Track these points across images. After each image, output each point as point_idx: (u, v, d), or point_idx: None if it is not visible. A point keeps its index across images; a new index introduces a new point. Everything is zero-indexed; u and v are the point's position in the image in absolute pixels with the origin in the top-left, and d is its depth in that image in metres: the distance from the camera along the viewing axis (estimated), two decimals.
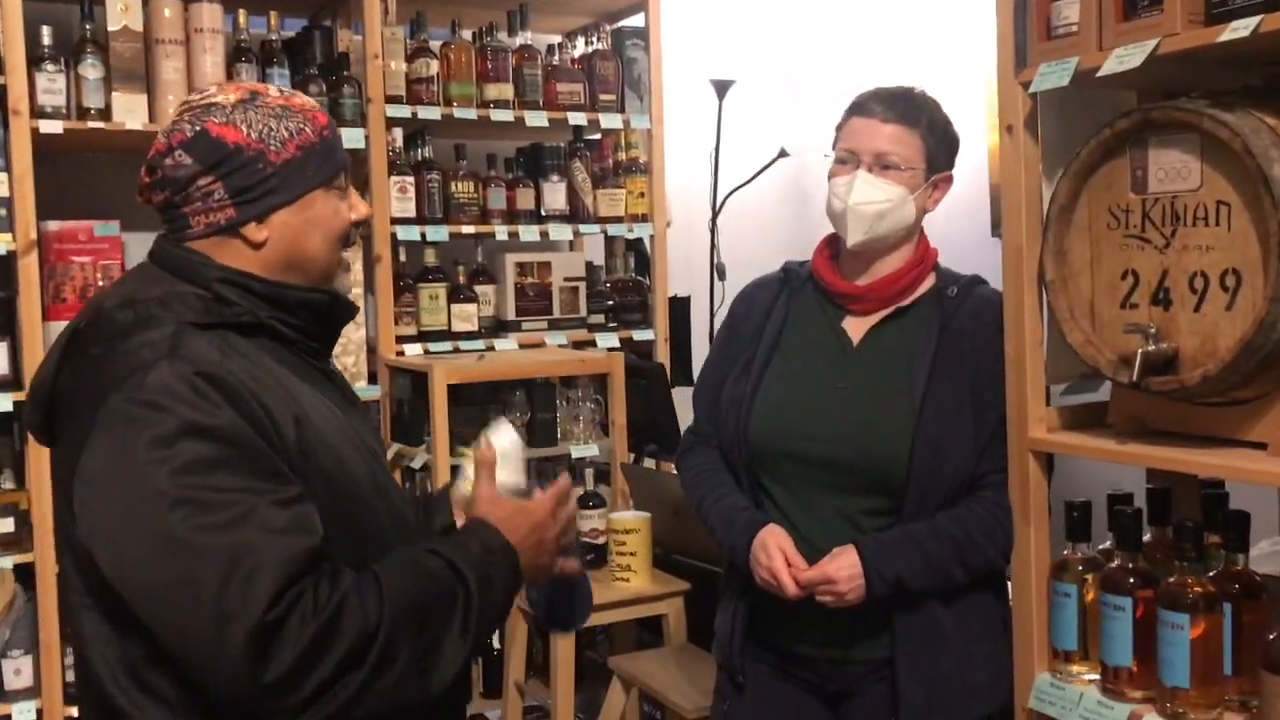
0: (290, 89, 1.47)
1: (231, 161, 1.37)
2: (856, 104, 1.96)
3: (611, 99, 3.62)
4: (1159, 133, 1.62)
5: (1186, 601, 1.62)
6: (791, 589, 1.82)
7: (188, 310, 1.35)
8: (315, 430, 1.36)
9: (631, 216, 3.68)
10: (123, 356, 1.30)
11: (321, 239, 1.44)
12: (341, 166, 1.46)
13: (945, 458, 1.83)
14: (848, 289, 1.95)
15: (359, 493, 1.41)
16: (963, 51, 3.81)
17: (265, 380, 1.34)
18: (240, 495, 1.23)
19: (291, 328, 1.43)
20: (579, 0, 3.62)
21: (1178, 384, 1.60)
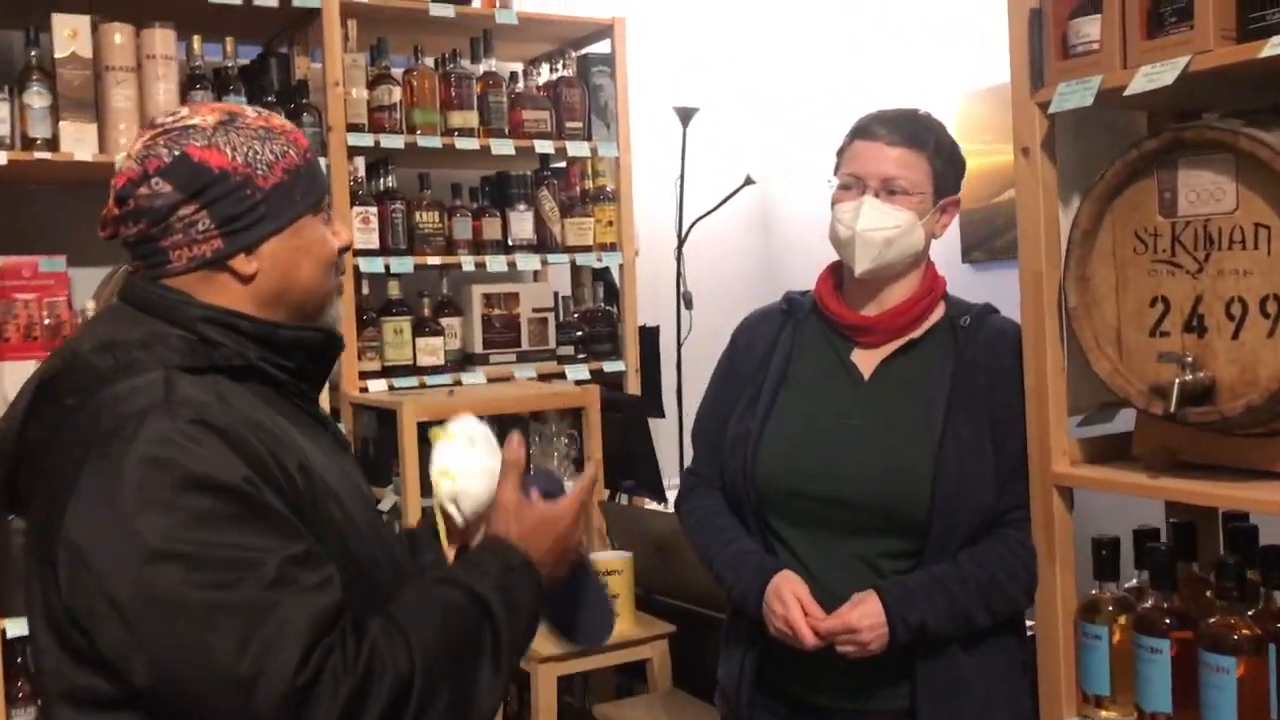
0: (265, 110, 1.36)
1: (217, 188, 1.25)
2: (860, 127, 1.88)
3: (578, 126, 3.53)
4: (1190, 153, 1.56)
5: (1231, 643, 1.54)
6: (810, 640, 1.72)
7: (172, 354, 1.22)
8: (321, 480, 1.25)
9: (600, 245, 3.58)
10: (108, 406, 1.17)
11: (314, 267, 1.33)
12: (325, 190, 1.35)
13: (967, 495, 1.75)
14: (857, 320, 1.86)
15: (364, 544, 1.30)
16: (932, 69, 3.77)
17: (264, 428, 1.22)
18: (253, 553, 1.11)
19: (282, 369, 1.31)
20: (542, 27, 3.53)
21: (1218, 415, 1.53)
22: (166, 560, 1.09)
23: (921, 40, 3.81)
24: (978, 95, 3.57)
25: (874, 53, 4.00)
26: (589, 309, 3.64)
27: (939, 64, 3.75)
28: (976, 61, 3.61)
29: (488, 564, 1.30)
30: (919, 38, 3.82)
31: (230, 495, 1.12)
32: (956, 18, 3.68)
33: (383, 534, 1.37)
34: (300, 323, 1.32)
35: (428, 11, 3.27)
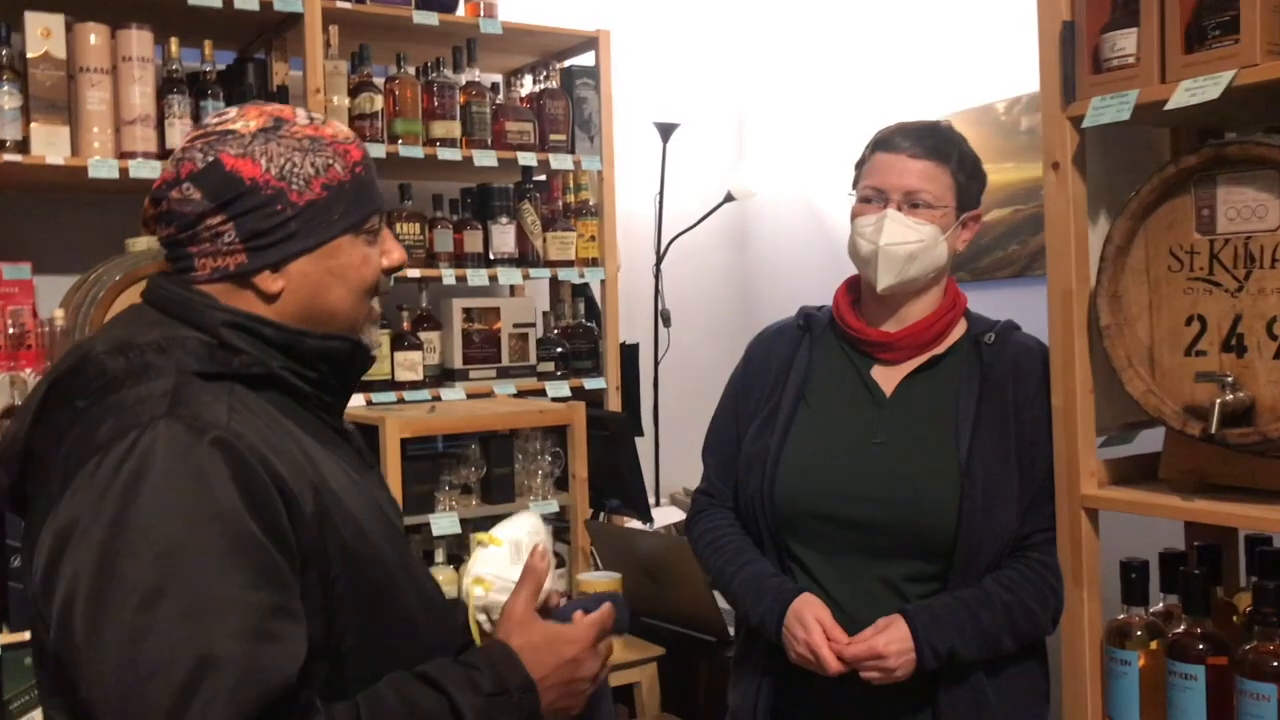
0: (323, 115, 1.28)
1: (246, 200, 1.19)
2: (881, 139, 1.84)
3: (562, 139, 3.47)
4: (1231, 169, 1.53)
5: (1271, 670, 1.51)
6: (834, 665, 1.66)
7: (190, 358, 1.15)
8: (335, 499, 1.17)
9: (582, 260, 3.52)
10: (114, 413, 1.11)
11: (346, 291, 1.25)
12: (375, 209, 1.27)
13: (994, 518, 1.71)
14: (878, 336, 1.82)
15: (384, 569, 1.22)
16: (915, 89, 3.76)
17: (279, 443, 1.15)
18: (222, 600, 1.03)
19: (306, 380, 1.24)
20: (526, 38, 3.47)
21: (1260, 436, 1.50)
22: (131, 587, 1.01)
23: (904, 61, 3.80)
24: (962, 115, 3.56)
25: (856, 73, 3.98)
26: (570, 325, 3.57)
27: (922, 84, 3.74)
28: (960, 82, 3.61)
29: (483, 679, 1.18)
30: (902, 58, 3.81)
31: (218, 526, 1.04)
32: (941, 38, 3.67)
33: (409, 561, 1.29)
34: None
35: (411, 19, 3.20)
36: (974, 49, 3.57)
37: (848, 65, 4.00)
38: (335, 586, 1.14)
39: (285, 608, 1.06)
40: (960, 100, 3.61)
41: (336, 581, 1.14)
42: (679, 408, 4.13)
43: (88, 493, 1.06)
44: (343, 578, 1.15)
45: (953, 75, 3.63)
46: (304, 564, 1.12)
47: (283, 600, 1.06)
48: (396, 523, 1.33)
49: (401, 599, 1.24)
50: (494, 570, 1.33)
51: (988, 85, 3.53)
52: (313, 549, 1.12)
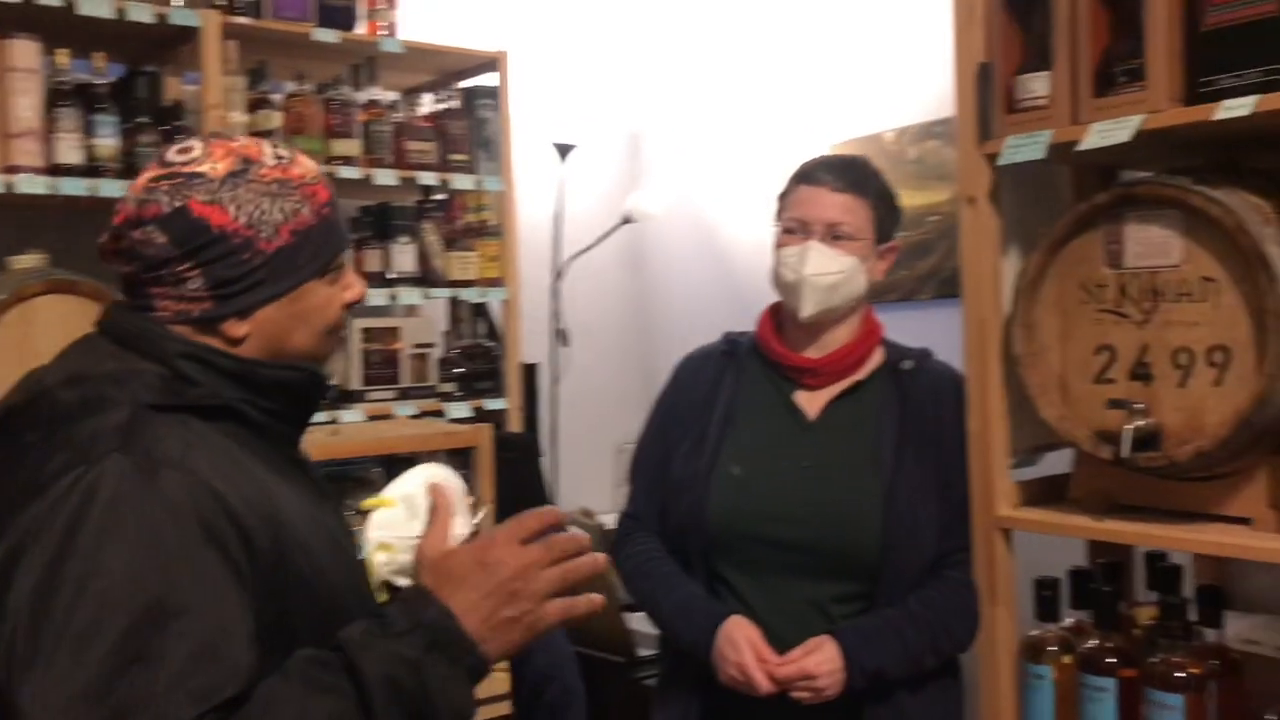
0: (289, 151, 1.26)
1: (214, 249, 1.17)
2: (803, 173, 1.89)
3: (463, 159, 3.46)
4: (1138, 208, 1.62)
5: (1177, 681, 1.60)
6: (765, 686, 1.70)
7: (145, 391, 1.13)
8: (291, 532, 1.16)
9: (484, 280, 3.51)
10: (65, 447, 1.08)
11: (309, 333, 1.25)
12: (340, 249, 1.26)
13: (916, 538, 1.77)
14: (802, 362, 1.87)
15: (339, 602, 1.20)
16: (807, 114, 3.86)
17: (234, 477, 1.13)
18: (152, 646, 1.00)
19: (262, 411, 1.22)
20: (427, 57, 3.45)
21: (1167, 460, 1.59)
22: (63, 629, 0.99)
23: (796, 90, 3.89)
24: (851, 144, 3.66)
25: (749, 100, 4.07)
26: (470, 345, 3.56)
27: (813, 112, 3.84)
28: (850, 111, 3.71)
29: (389, 621, 1.08)
30: (794, 87, 3.90)
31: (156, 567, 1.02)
32: (832, 69, 3.77)
33: (364, 591, 1.28)
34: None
35: (310, 36, 3.15)
36: (863, 80, 3.68)
37: (742, 92, 4.09)
38: (292, 621, 1.13)
39: (217, 653, 1.03)
40: (849, 129, 3.72)
41: (294, 616, 1.13)
42: (576, 428, 4.14)
43: (34, 526, 1.04)
44: (300, 613, 1.14)
45: (843, 104, 3.74)
46: (258, 599, 1.10)
47: (216, 647, 1.03)
48: (352, 554, 1.31)
49: None
50: (393, 532, 1.26)
51: (876, 115, 3.64)
52: (268, 584, 1.11)
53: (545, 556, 1.13)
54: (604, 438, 4.39)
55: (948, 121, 3.43)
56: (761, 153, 4.04)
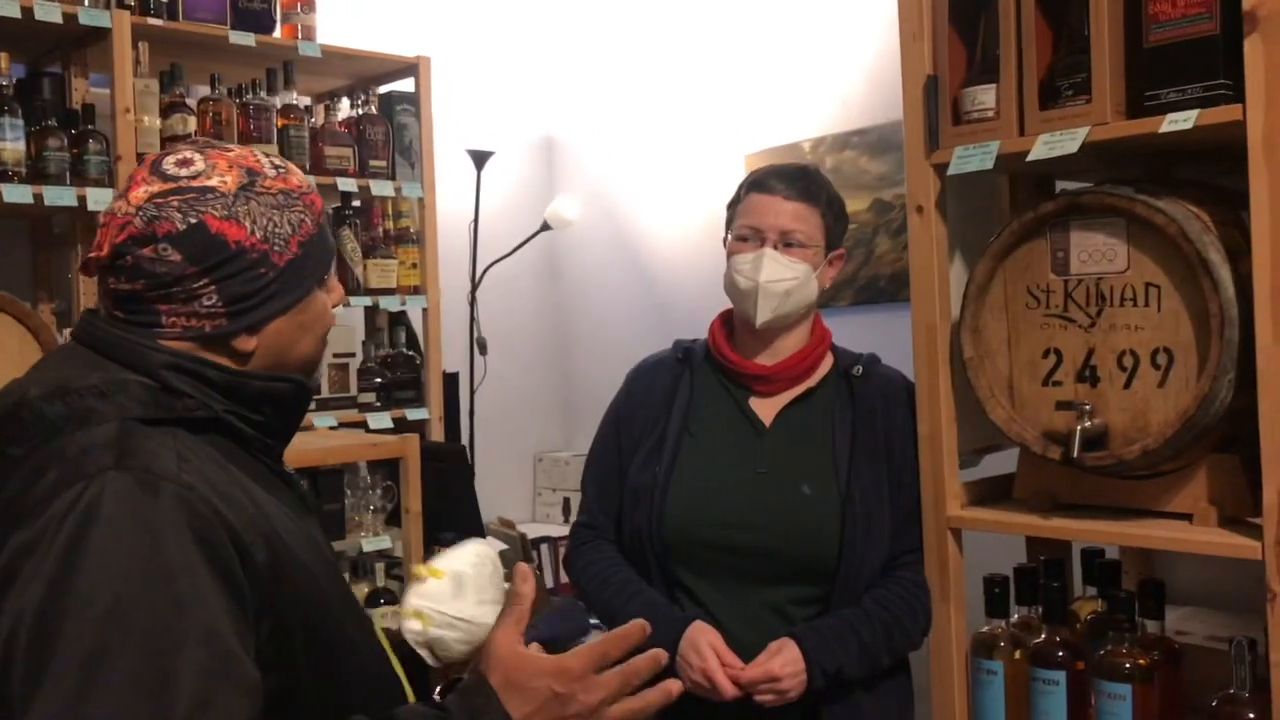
0: (280, 160, 1.23)
1: (231, 265, 1.14)
2: (756, 181, 1.91)
3: (382, 165, 3.41)
4: (1084, 216, 1.68)
5: (1125, 672, 1.66)
6: (730, 691, 1.71)
7: (132, 403, 1.10)
8: (284, 546, 1.13)
9: (403, 288, 3.46)
10: (56, 463, 1.04)
11: (312, 340, 1.24)
12: (332, 255, 1.25)
13: (872, 540, 1.80)
14: (756, 369, 1.89)
15: (334, 616, 1.18)
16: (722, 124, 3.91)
17: (228, 491, 1.10)
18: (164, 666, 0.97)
19: (249, 423, 1.19)
20: (345, 62, 3.40)
21: (1114, 458, 1.65)
22: (69, 650, 0.96)
23: (711, 101, 3.94)
24: (768, 153, 3.72)
25: (666, 109, 4.10)
26: (390, 354, 3.51)
27: (728, 123, 3.89)
28: (766, 120, 3.77)
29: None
30: (710, 98, 3.94)
31: (161, 587, 0.99)
32: (748, 80, 3.82)
33: (349, 600, 1.26)
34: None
35: (227, 39, 3.08)
36: (781, 89, 3.74)
37: (659, 100, 4.11)
38: (292, 638, 1.10)
39: (229, 674, 1.01)
40: (766, 138, 3.77)
41: (293, 632, 1.11)
42: (494, 438, 4.12)
43: (30, 546, 1.00)
44: (298, 628, 1.11)
45: (760, 113, 3.79)
46: (258, 617, 1.07)
47: (227, 666, 1.01)
48: (334, 563, 1.29)
49: (352, 646, 1.20)
50: (433, 604, 1.27)
51: (793, 124, 3.70)
52: (267, 599, 1.08)
53: (617, 692, 1.12)
54: (522, 447, 4.37)
55: (865, 132, 3.51)
56: (679, 161, 4.07)
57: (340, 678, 1.16)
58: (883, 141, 3.46)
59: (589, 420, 4.39)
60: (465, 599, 1.25)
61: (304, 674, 1.11)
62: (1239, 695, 1.58)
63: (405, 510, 3.01)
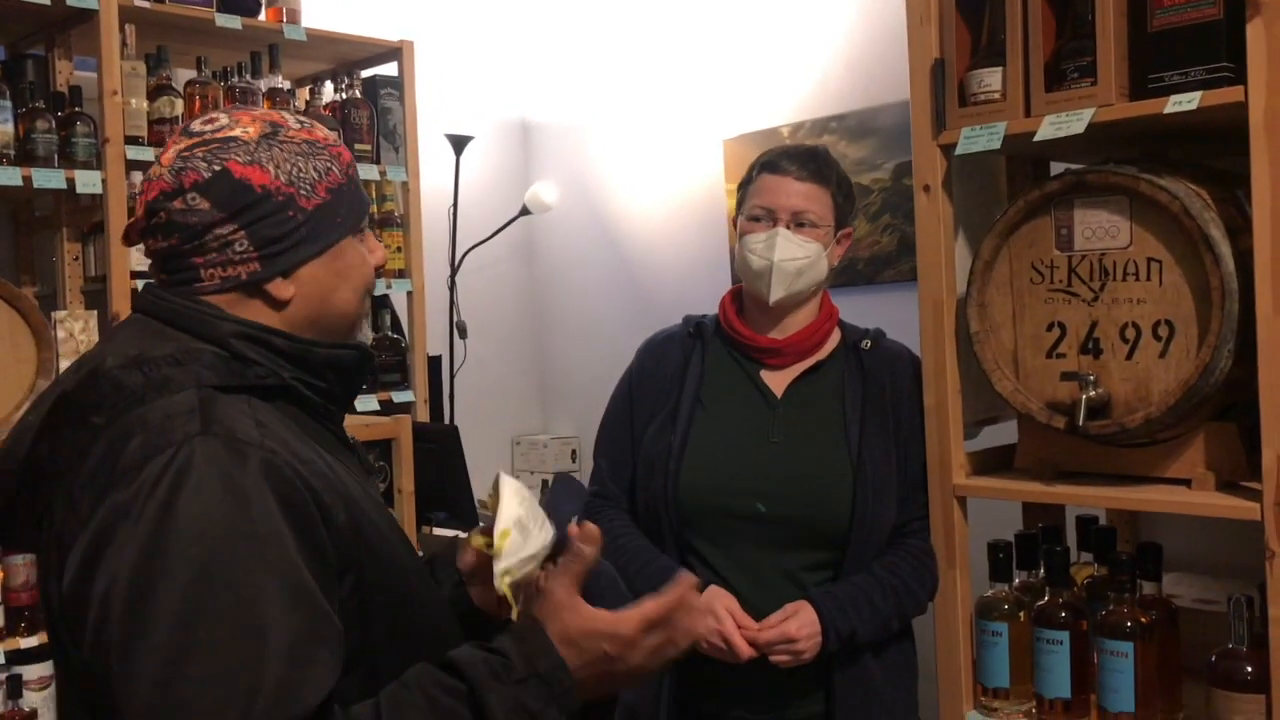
0: (307, 117, 1.27)
1: (258, 209, 1.17)
2: (767, 162, 1.96)
3: (367, 149, 3.42)
4: (1088, 194, 1.75)
5: (1127, 630, 1.73)
6: (747, 652, 1.77)
7: (207, 371, 1.13)
8: (360, 508, 1.17)
9: (389, 272, 3.48)
10: (140, 430, 1.07)
11: (351, 291, 1.25)
12: (366, 207, 1.27)
13: (882, 508, 1.86)
14: (767, 343, 1.94)
15: (408, 578, 1.23)
16: (701, 109, 3.95)
17: (305, 454, 1.14)
18: (256, 625, 1.01)
19: (315, 390, 1.22)
20: (330, 46, 3.40)
21: (1118, 426, 1.72)
22: (164, 610, 0.99)
23: (690, 86, 3.98)
24: (747, 138, 3.78)
25: (644, 94, 4.13)
26: (376, 337, 3.52)
27: (707, 108, 3.94)
28: (744, 105, 3.82)
29: (511, 663, 1.11)
30: (688, 84, 3.98)
31: (251, 549, 1.03)
32: (726, 64, 3.87)
33: (417, 562, 1.30)
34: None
35: (213, 21, 3.07)
36: (760, 74, 3.79)
37: (638, 85, 4.15)
38: (371, 595, 1.14)
39: (319, 632, 1.05)
40: (746, 123, 3.82)
41: (371, 590, 1.14)
42: (473, 421, 4.14)
43: (125, 508, 1.03)
44: (376, 586, 1.15)
45: (739, 98, 3.84)
46: (341, 574, 1.11)
47: (316, 625, 1.05)
48: (400, 528, 1.32)
49: (423, 606, 1.25)
50: (514, 558, 1.26)
51: (771, 110, 3.76)
52: (348, 559, 1.12)
53: (660, 650, 1.19)
54: (500, 429, 4.40)
55: (843, 117, 3.57)
56: (657, 146, 4.11)
57: (412, 632, 1.20)
58: (861, 126, 3.53)
59: (567, 403, 4.47)
60: (531, 537, 1.29)
61: (382, 630, 1.16)
62: (1237, 650, 1.66)
63: (398, 490, 3.04)
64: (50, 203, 3.07)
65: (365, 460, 1.34)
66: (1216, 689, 1.67)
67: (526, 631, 1.16)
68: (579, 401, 4.35)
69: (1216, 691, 1.67)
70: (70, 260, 3.04)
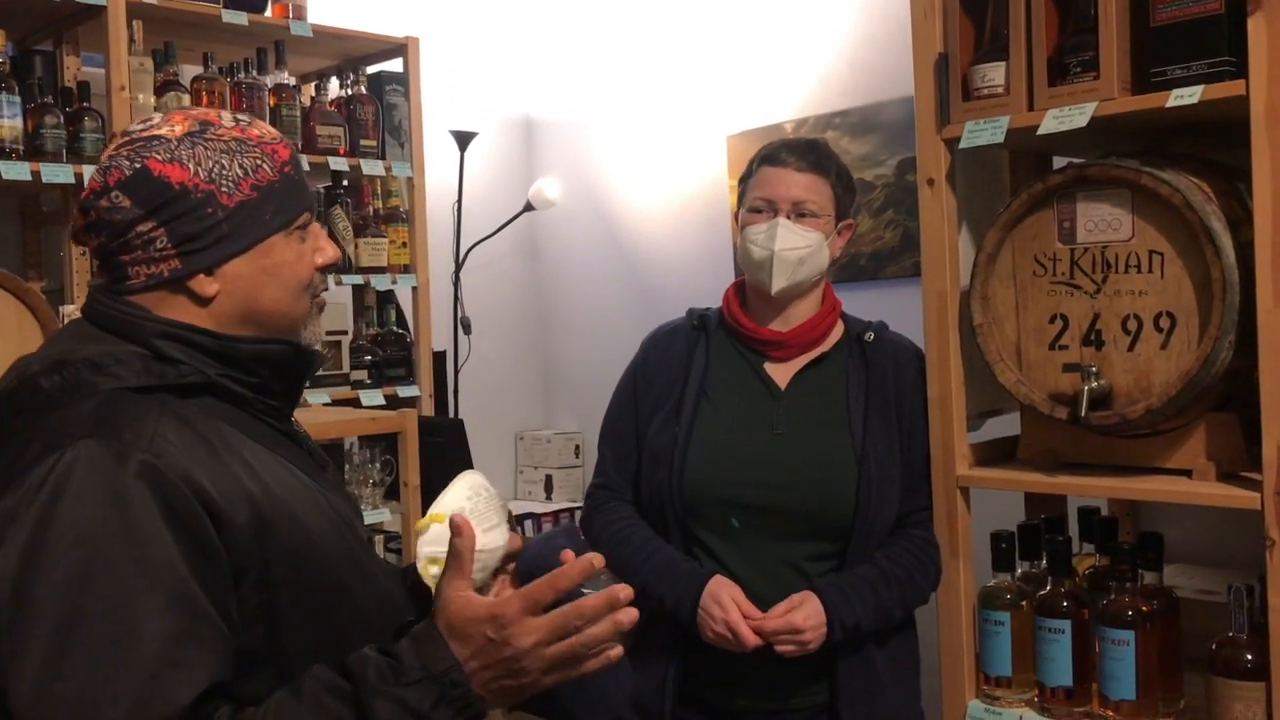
0: (249, 116, 1.28)
1: (176, 205, 1.19)
2: (767, 155, 1.98)
3: (372, 144, 3.44)
4: (1090, 188, 1.77)
5: (1128, 619, 1.75)
6: (752, 640, 1.79)
7: (126, 373, 1.16)
8: (277, 505, 1.18)
9: (394, 267, 3.50)
10: (42, 434, 1.11)
11: (281, 290, 1.26)
12: (306, 207, 1.28)
13: (886, 499, 1.88)
14: (770, 335, 1.96)
15: (333, 572, 1.23)
16: (706, 105, 3.97)
17: (210, 456, 1.15)
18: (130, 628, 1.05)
19: (246, 386, 1.24)
20: (336, 42, 3.42)
21: (1119, 417, 1.74)
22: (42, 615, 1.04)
23: (695, 82, 4.00)
24: (751, 133, 3.79)
25: (649, 90, 4.15)
26: (381, 332, 3.54)
27: (711, 104, 3.95)
28: (748, 101, 3.84)
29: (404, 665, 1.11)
30: (693, 79, 4.00)
31: (128, 554, 1.06)
32: (731, 60, 3.89)
33: (363, 560, 1.29)
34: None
35: (220, 18, 3.10)
36: (763, 70, 3.81)
37: (641, 81, 4.17)
38: (276, 595, 1.15)
39: (194, 632, 1.07)
40: (749, 119, 3.84)
41: (278, 589, 1.15)
42: (476, 415, 4.15)
43: (12, 514, 1.07)
44: (286, 584, 1.16)
45: (742, 94, 3.86)
46: (239, 575, 1.13)
47: (193, 625, 1.07)
48: (351, 521, 1.32)
49: (353, 600, 1.24)
50: (443, 548, 1.23)
51: (774, 106, 3.78)
52: (247, 559, 1.13)
53: (553, 634, 1.14)
54: (503, 425, 4.42)
55: (846, 113, 3.59)
56: (660, 142, 4.13)
57: (336, 629, 1.20)
58: (864, 122, 3.55)
59: (570, 399, 4.49)
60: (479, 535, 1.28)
61: (292, 626, 1.17)
62: (1238, 638, 1.67)
63: (404, 484, 3.06)
64: (58, 197, 3.09)
65: (316, 453, 1.35)
66: (1217, 677, 1.68)
67: (421, 632, 1.16)
68: (582, 397, 4.37)
69: (1217, 679, 1.68)
70: (78, 255, 3.05)
